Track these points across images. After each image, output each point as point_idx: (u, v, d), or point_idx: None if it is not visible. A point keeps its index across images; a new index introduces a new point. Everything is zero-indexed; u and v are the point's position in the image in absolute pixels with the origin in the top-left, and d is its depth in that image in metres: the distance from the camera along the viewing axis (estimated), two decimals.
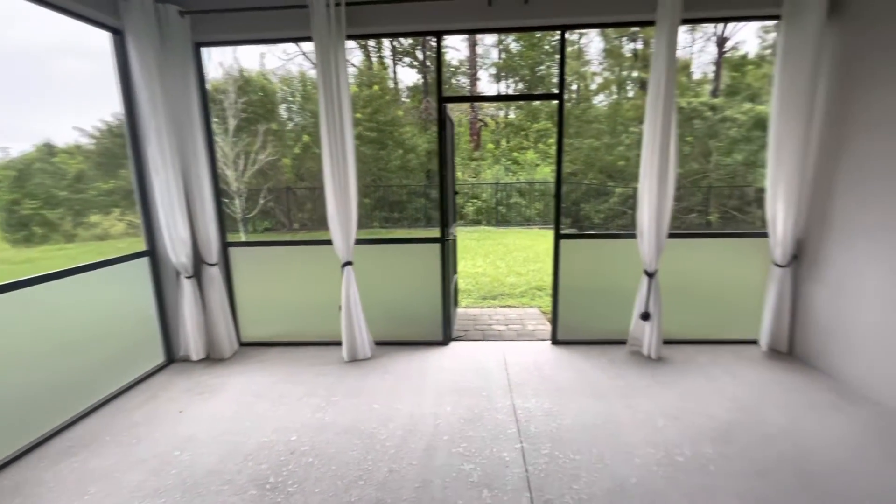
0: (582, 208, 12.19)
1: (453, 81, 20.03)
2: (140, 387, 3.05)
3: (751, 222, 11.11)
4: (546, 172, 13.94)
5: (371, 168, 11.53)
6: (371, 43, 16.91)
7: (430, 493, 1.98)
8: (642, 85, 14.24)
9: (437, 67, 3.33)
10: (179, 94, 3.09)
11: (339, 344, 3.52)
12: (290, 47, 14.67)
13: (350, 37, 3.20)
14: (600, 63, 14.53)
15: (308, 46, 13.58)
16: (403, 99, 16.43)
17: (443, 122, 3.41)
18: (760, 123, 9.46)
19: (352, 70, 14.65)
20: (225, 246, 3.62)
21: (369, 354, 3.40)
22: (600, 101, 15.35)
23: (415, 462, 2.19)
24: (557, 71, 3.32)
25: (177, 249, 3.15)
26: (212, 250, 3.34)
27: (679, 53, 3.06)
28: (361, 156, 11.27)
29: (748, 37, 18.91)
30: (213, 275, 3.38)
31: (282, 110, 10.67)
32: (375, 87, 12.02)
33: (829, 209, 3.00)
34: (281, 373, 3.21)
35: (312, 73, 13.13)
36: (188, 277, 3.27)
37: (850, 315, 2.84)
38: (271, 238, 10.00)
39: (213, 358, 3.47)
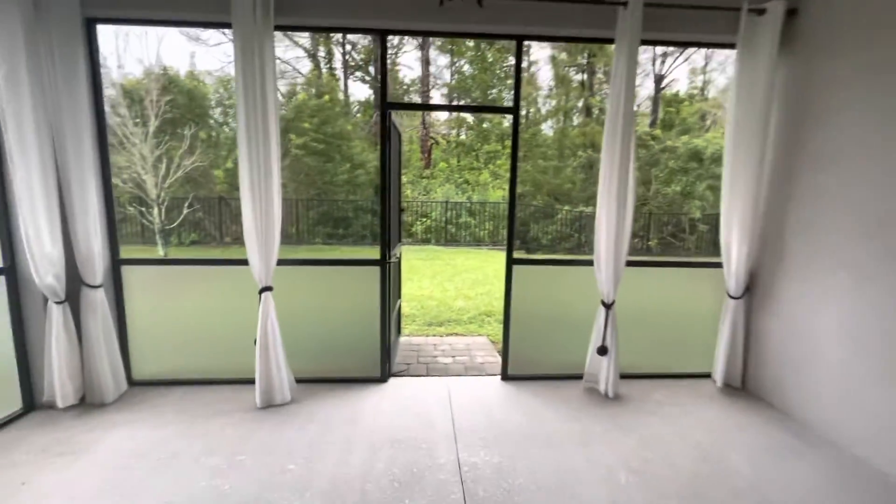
0: (531, 229, 12.24)
1: (406, 99, 19.90)
2: None
3: (686, 248, 11.66)
4: (498, 196, 13.96)
5: (316, 181, 10.87)
6: (322, 53, 16.40)
7: None
8: (588, 112, 14.82)
9: (381, 70, 2.97)
10: (61, 77, 2.49)
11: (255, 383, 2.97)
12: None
13: (279, 27, 2.78)
14: (550, 89, 14.97)
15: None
16: (356, 114, 15.99)
17: (387, 131, 3.04)
18: (696, 156, 9.99)
19: (300, 79, 14.04)
20: (116, 264, 2.98)
21: (289, 398, 2.87)
22: (549, 126, 15.78)
23: None
24: (513, 83, 3.08)
25: (40, 268, 2.49)
26: (94, 269, 2.71)
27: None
28: (305, 168, 10.58)
29: (680, 76, 20.47)
30: (95, 299, 2.74)
31: (218, 115, 9.83)
32: (326, 98, 11.46)
33: (782, 243, 2.94)
34: (177, 422, 2.60)
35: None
36: (58, 303, 2.61)
37: (805, 352, 2.75)
38: (196, 254, 9.04)
39: (90, 403, 2.79)
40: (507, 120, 19.54)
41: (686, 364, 3.40)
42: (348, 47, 16.98)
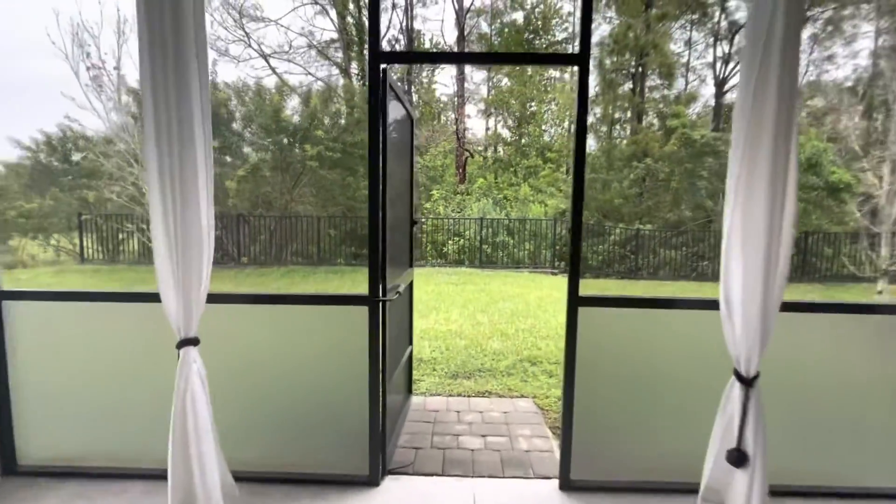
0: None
1: (443, 117, 19.21)
2: None
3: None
4: (539, 211, 12.71)
5: (336, 197, 10.05)
6: (354, 69, 16.04)
7: None
8: (639, 118, 13.52)
9: (370, 6, 1.94)
10: None
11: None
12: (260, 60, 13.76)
13: None
14: (596, 95, 13.73)
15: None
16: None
17: (381, 99, 2.00)
18: None
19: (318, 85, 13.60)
20: None
21: None
22: (598, 136, 14.51)
23: None
24: (580, 20, 1.98)
25: None
26: None
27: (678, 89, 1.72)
28: (324, 181, 9.77)
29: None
30: None
31: (235, 125, 9.39)
32: (344, 105, 10.73)
33: None
34: None
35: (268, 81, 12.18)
36: None
37: None
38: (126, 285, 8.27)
39: None
40: (548, 133, 18.38)
41: (875, 473, 2.06)
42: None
